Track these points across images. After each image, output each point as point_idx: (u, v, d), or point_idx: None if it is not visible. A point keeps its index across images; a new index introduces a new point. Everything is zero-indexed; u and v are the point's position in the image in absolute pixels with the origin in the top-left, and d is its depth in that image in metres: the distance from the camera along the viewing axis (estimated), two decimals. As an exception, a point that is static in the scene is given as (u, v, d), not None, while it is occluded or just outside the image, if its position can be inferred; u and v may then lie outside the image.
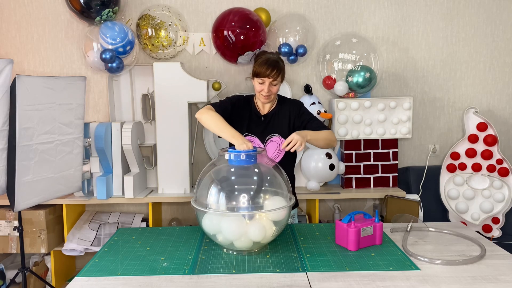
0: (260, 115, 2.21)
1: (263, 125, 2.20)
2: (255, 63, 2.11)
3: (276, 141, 2.14)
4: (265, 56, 2.10)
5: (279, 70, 2.08)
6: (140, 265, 1.66)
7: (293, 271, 1.58)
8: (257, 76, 2.09)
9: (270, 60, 2.07)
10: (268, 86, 2.08)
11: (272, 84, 2.09)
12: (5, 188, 2.16)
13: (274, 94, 2.15)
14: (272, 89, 2.11)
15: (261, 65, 2.07)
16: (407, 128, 3.00)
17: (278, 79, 2.09)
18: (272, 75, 2.06)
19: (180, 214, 3.25)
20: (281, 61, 2.13)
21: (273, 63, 2.06)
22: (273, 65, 2.05)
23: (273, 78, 2.06)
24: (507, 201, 2.95)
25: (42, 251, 2.79)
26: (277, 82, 2.10)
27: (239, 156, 1.73)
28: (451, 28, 3.16)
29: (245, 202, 1.66)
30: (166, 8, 2.97)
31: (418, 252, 1.73)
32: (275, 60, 2.08)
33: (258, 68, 2.07)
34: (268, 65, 2.05)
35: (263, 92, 2.10)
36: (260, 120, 2.20)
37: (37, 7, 3.05)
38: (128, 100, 3.09)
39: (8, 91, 2.06)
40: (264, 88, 2.09)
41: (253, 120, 2.21)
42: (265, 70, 2.05)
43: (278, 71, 2.07)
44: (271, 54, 2.15)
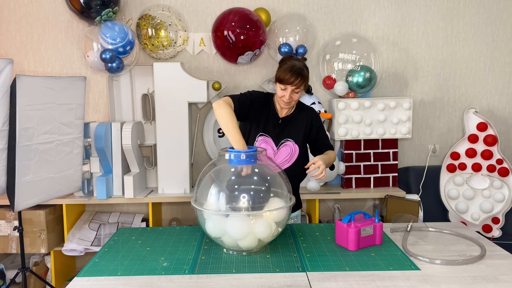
0: (278, 117, 2.15)
1: (279, 128, 2.14)
2: (279, 68, 2.04)
3: (290, 146, 2.13)
4: (290, 63, 2.02)
5: (303, 79, 2.01)
6: (140, 265, 1.66)
7: (293, 271, 1.58)
8: (280, 82, 2.02)
9: (295, 67, 1.99)
10: (290, 93, 2.02)
11: (294, 91, 2.02)
12: (5, 188, 2.16)
13: (295, 101, 2.10)
14: (294, 96, 2.04)
15: (285, 71, 1.99)
16: (407, 128, 3.00)
17: (302, 87, 2.03)
18: (296, 83, 1.99)
19: (180, 214, 3.25)
20: (306, 69, 2.05)
21: (297, 71, 1.99)
22: (297, 73, 1.98)
23: (296, 86, 2.00)
24: (507, 201, 2.95)
25: (42, 251, 2.79)
26: (299, 90, 2.04)
27: (239, 156, 1.73)
28: (451, 28, 3.16)
29: (245, 202, 1.66)
30: (166, 8, 2.97)
31: (418, 252, 1.73)
32: (300, 68, 2.01)
33: (282, 74, 2.00)
34: (292, 73, 1.98)
35: (284, 99, 2.04)
36: (277, 122, 2.15)
37: (37, 7, 3.05)
38: (128, 100, 3.09)
39: (8, 91, 2.06)
40: (285, 94, 2.02)
41: (271, 121, 2.15)
42: (289, 77, 1.98)
43: (302, 79, 2.00)
44: (297, 60, 2.06)
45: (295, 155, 2.14)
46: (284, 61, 2.06)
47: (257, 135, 2.12)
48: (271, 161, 1.86)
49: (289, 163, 2.12)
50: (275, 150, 2.12)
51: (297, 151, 2.14)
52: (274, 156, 2.11)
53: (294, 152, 2.14)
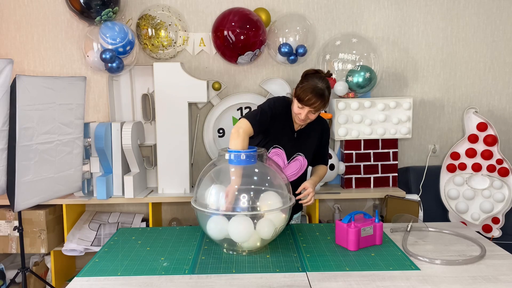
0: (294, 131, 2.07)
1: (293, 141, 2.07)
2: (301, 85, 1.90)
3: (300, 161, 2.11)
4: (313, 82, 1.88)
5: (323, 102, 1.88)
6: (140, 265, 1.66)
7: (293, 271, 1.59)
8: (298, 100, 1.90)
9: (317, 89, 1.86)
10: (306, 113, 1.92)
11: (311, 112, 1.92)
12: (5, 188, 2.16)
13: (311, 120, 2.00)
14: (310, 116, 1.95)
15: (306, 91, 1.86)
16: (407, 128, 3.00)
17: (320, 109, 1.92)
18: (315, 106, 1.88)
19: (180, 214, 3.25)
20: (328, 90, 1.91)
21: (319, 94, 1.86)
22: (317, 96, 1.86)
23: (315, 108, 1.90)
24: (507, 201, 2.95)
25: (42, 251, 2.79)
26: (317, 112, 1.94)
27: (239, 156, 1.74)
28: (451, 28, 3.16)
29: (245, 202, 1.66)
30: (166, 8, 2.97)
31: (418, 252, 1.73)
32: (322, 90, 1.86)
33: (302, 94, 1.87)
34: (313, 95, 1.86)
35: (300, 116, 1.94)
36: (292, 136, 2.07)
37: (37, 7, 3.05)
38: (128, 100, 3.09)
39: (8, 91, 2.06)
40: (302, 113, 1.92)
41: (287, 134, 2.06)
42: (309, 99, 1.86)
43: (321, 102, 1.88)
44: (320, 79, 1.90)
45: (303, 169, 2.13)
46: (307, 78, 1.92)
47: (271, 147, 2.04)
48: (276, 167, 1.86)
49: (295, 177, 2.11)
50: (286, 163, 2.09)
51: (305, 165, 2.12)
52: (284, 168, 2.08)
53: (302, 166, 2.12)
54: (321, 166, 2.21)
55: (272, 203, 1.68)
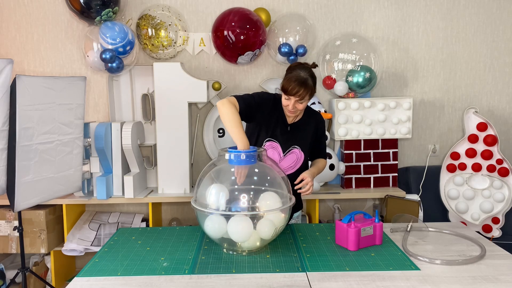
0: (287, 124, 2.10)
1: (287, 134, 2.10)
2: (285, 77, 1.97)
3: (296, 153, 2.12)
4: (295, 72, 1.94)
5: (307, 90, 1.93)
6: (140, 265, 1.66)
7: (293, 271, 1.58)
8: (284, 92, 1.96)
9: (299, 78, 1.91)
10: (293, 103, 1.96)
11: (298, 102, 1.96)
12: (5, 188, 2.16)
13: (301, 110, 2.05)
14: (298, 106, 1.98)
15: (289, 81, 1.92)
16: (407, 128, 3.00)
17: (306, 97, 1.96)
18: (299, 94, 1.92)
19: (180, 214, 3.25)
20: (312, 78, 1.96)
21: (301, 82, 1.91)
22: (300, 84, 1.91)
23: (299, 97, 1.94)
24: (507, 201, 2.95)
25: (42, 251, 2.79)
26: (304, 101, 1.97)
27: (239, 156, 1.73)
28: (451, 28, 3.16)
29: (245, 202, 1.66)
30: (166, 8, 2.97)
31: (418, 252, 1.73)
32: (304, 78, 1.92)
33: (286, 85, 1.93)
34: (296, 84, 1.91)
35: (288, 108, 1.99)
36: (286, 129, 2.10)
37: (37, 7, 3.05)
38: (128, 100, 3.09)
39: (8, 91, 2.06)
40: (289, 104, 1.97)
41: (279, 127, 2.09)
42: (291, 88, 1.91)
43: (305, 90, 1.92)
44: (304, 69, 1.96)
45: (300, 162, 2.12)
46: (290, 70, 1.99)
47: (265, 140, 2.08)
48: (271, 162, 1.86)
49: (293, 170, 2.11)
50: (282, 156, 2.10)
51: (302, 158, 2.12)
52: (280, 162, 2.09)
53: (299, 159, 2.12)
54: (320, 159, 2.22)
55: (272, 203, 1.68)
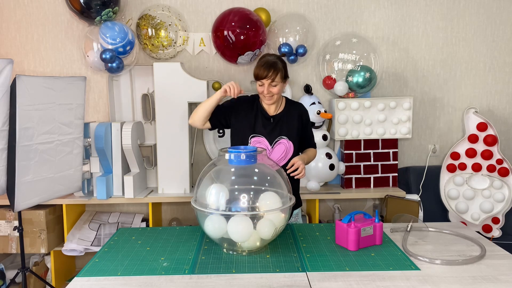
0: (269, 116, 2.19)
1: (271, 126, 2.18)
2: (255, 66, 2.12)
3: (284, 144, 2.14)
4: (264, 59, 2.11)
5: (276, 71, 2.06)
6: (140, 265, 1.66)
7: (293, 271, 1.58)
8: (256, 78, 2.10)
9: (268, 62, 2.07)
10: (267, 87, 2.08)
11: (271, 85, 2.08)
12: (5, 188, 2.16)
13: (277, 94, 2.13)
14: (273, 89, 2.09)
15: (258, 67, 2.08)
16: (407, 128, 3.00)
17: (277, 79, 2.08)
18: (269, 76, 2.05)
19: (180, 214, 3.25)
20: (281, 61, 2.11)
21: (270, 64, 2.06)
22: (269, 66, 2.05)
23: (271, 79, 2.06)
24: (507, 201, 2.95)
25: (42, 251, 2.79)
26: (276, 83, 2.08)
27: (239, 156, 1.73)
28: (451, 28, 3.16)
29: (245, 202, 1.66)
30: (166, 8, 2.97)
31: (418, 252, 1.73)
32: (273, 61, 2.08)
33: (256, 70, 2.09)
34: (265, 67, 2.05)
35: (264, 93, 2.10)
36: (268, 121, 2.18)
37: (37, 7, 3.05)
38: (128, 100, 3.09)
39: (8, 91, 2.06)
40: (264, 89, 2.09)
41: (261, 121, 2.18)
42: (262, 71, 2.05)
43: (275, 71, 2.06)
44: (271, 56, 2.14)
45: (290, 152, 2.16)
46: (259, 59, 2.15)
47: (250, 137, 2.15)
48: (270, 161, 1.86)
49: (284, 160, 2.15)
50: (270, 149, 2.15)
51: (291, 148, 2.17)
52: (270, 155, 2.13)
53: (289, 149, 2.17)
54: (310, 148, 2.29)
55: (272, 203, 1.68)
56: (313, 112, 2.91)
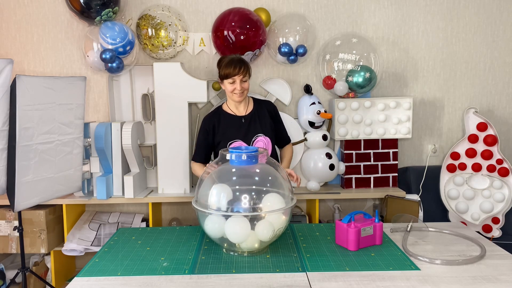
0: (239, 116, 2.29)
1: (244, 127, 2.26)
2: (220, 68, 2.23)
3: (262, 140, 2.18)
4: (228, 58, 2.24)
5: (246, 66, 2.22)
6: (140, 265, 1.66)
7: (293, 271, 1.59)
8: (226, 77, 2.20)
9: (235, 59, 2.21)
10: (239, 83, 2.19)
11: (242, 80, 2.20)
12: (5, 188, 2.16)
13: (246, 90, 2.25)
14: (244, 85, 2.22)
15: (227, 66, 2.19)
16: (407, 128, 3.00)
17: (247, 75, 2.21)
18: (241, 72, 2.18)
19: (180, 214, 3.25)
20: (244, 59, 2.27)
21: (238, 61, 2.20)
22: (239, 63, 2.19)
23: (242, 74, 2.18)
24: (507, 201, 2.95)
25: (42, 251, 2.79)
26: (246, 79, 2.22)
27: (240, 156, 1.74)
28: (451, 28, 3.16)
29: (246, 203, 1.66)
30: (166, 8, 2.97)
31: (418, 252, 1.73)
32: (239, 58, 2.23)
33: (226, 70, 2.20)
34: (235, 65, 2.18)
35: (236, 91, 2.20)
36: (240, 122, 2.26)
37: (37, 7, 3.05)
38: (128, 100, 3.09)
39: (8, 91, 2.06)
40: (236, 86, 2.19)
41: (231, 125, 2.28)
42: (233, 69, 2.17)
43: (245, 67, 2.21)
44: (232, 55, 2.28)
45: (269, 148, 2.25)
46: (221, 60, 2.27)
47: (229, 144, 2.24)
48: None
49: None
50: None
51: (269, 143, 2.28)
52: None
53: (267, 145, 2.27)
54: (286, 148, 2.44)
55: (272, 204, 1.68)
56: (313, 112, 2.91)
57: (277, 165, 1.87)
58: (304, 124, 2.98)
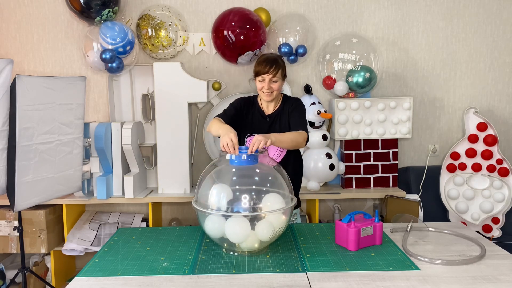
0: (265, 115, 2.23)
1: (267, 125, 2.21)
2: (255, 64, 2.16)
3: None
4: (264, 56, 2.17)
5: (278, 66, 2.13)
6: (140, 265, 1.66)
7: (293, 271, 1.58)
8: (257, 74, 2.14)
9: (269, 58, 2.14)
10: (268, 82, 2.12)
11: (272, 80, 2.12)
12: (5, 188, 2.16)
13: (276, 91, 2.17)
14: (273, 85, 2.14)
15: (260, 63, 2.13)
16: (407, 128, 3.00)
17: (278, 75, 2.13)
18: (271, 71, 2.10)
19: (180, 214, 3.25)
20: (281, 59, 2.17)
21: (271, 61, 2.12)
22: (271, 62, 2.11)
23: (272, 74, 2.11)
24: (507, 201, 2.95)
25: (42, 251, 2.79)
26: (277, 79, 2.13)
27: (240, 156, 1.73)
28: (451, 28, 3.16)
29: (246, 203, 1.66)
30: (166, 8, 2.97)
31: (418, 252, 1.73)
32: (273, 58, 2.15)
33: (257, 67, 2.14)
34: (266, 63, 2.11)
35: (264, 89, 2.14)
36: (265, 120, 2.22)
37: (37, 7, 3.05)
38: (128, 100, 3.09)
39: (8, 91, 2.06)
40: (264, 85, 2.12)
41: (257, 120, 2.22)
42: (263, 67, 2.11)
43: (276, 67, 2.12)
44: (271, 54, 2.21)
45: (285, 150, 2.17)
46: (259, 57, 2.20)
47: (246, 136, 2.17)
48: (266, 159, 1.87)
49: (280, 157, 2.17)
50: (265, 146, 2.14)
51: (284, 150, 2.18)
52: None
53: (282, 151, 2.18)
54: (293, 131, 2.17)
55: (272, 204, 1.68)
56: (313, 112, 2.91)
57: (277, 165, 1.87)
58: (304, 124, 2.97)
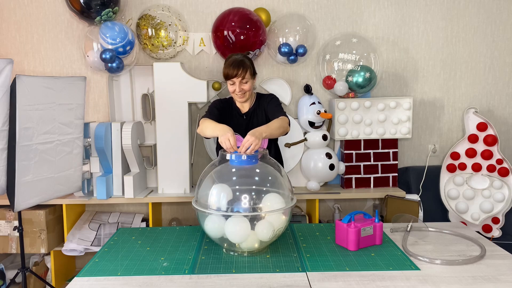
0: (242, 114, 2.29)
1: (244, 123, 2.27)
2: (224, 66, 2.19)
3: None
4: (231, 58, 2.19)
5: (245, 68, 2.16)
6: (140, 265, 1.66)
7: (293, 271, 1.59)
8: (226, 78, 2.17)
9: (235, 60, 2.16)
10: (238, 85, 2.16)
11: (242, 82, 2.16)
12: (5, 188, 2.16)
13: (248, 91, 2.21)
14: (244, 87, 2.18)
15: (227, 67, 2.16)
16: (407, 128, 3.00)
17: (247, 76, 2.16)
18: (239, 74, 2.14)
19: (180, 214, 3.25)
20: (247, 59, 2.21)
21: (237, 63, 2.15)
22: (238, 65, 2.14)
23: (241, 77, 2.14)
24: (507, 201, 2.95)
25: (42, 251, 2.79)
26: (247, 80, 2.18)
27: (240, 156, 1.74)
28: (451, 28, 3.16)
29: (246, 203, 1.66)
30: (166, 8, 2.97)
31: (418, 252, 1.73)
32: (240, 60, 2.17)
33: (225, 71, 2.17)
34: (233, 66, 2.14)
35: (236, 92, 2.18)
36: (242, 119, 2.28)
37: (37, 7, 3.05)
38: (128, 100, 3.09)
39: (8, 91, 2.06)
40: (235, 88, 2.17)
41: (236, 119, 2.28)
42: (231, 71, 2.14)
43: (244, 69, 2.15)
44: (237, 55, 2.24)
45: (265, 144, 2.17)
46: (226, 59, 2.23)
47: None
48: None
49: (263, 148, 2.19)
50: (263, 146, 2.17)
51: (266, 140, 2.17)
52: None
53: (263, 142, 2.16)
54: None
55: (272, 204, 1.68)
56: (313, 112, 2.91)
57: (277, 165, 1.87)
58: (304, 124, 2.98)
